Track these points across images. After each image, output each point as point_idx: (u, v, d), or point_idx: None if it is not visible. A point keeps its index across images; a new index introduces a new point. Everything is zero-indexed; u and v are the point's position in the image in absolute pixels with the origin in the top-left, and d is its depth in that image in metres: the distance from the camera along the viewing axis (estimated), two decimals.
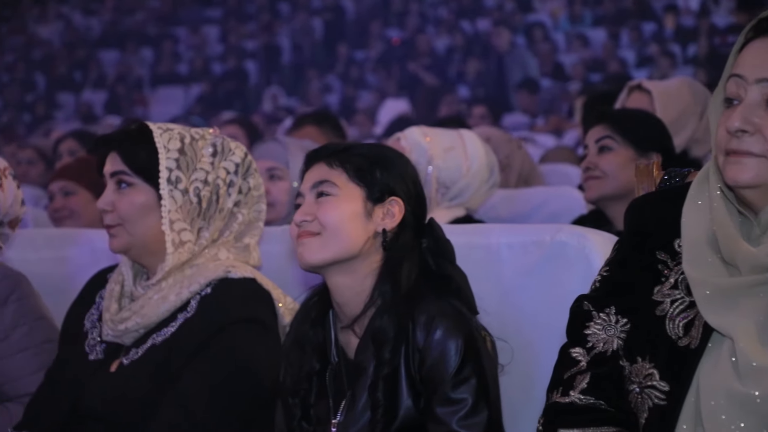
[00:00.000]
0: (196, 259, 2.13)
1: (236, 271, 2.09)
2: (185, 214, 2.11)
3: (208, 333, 2.04)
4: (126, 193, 2.12)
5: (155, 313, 2.09)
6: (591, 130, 3.00)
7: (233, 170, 2.17)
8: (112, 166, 2.13)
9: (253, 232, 2.21)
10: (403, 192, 1.96)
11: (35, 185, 5.11)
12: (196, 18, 14.63)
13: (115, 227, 2.12)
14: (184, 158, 2.11)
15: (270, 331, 2.09)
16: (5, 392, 2.39)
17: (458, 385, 1.83)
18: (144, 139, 2.12)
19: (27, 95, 13.89)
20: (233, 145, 2.20)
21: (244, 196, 2.19)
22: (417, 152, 3.04)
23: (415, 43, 12.40)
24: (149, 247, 2.12)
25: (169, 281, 2.11)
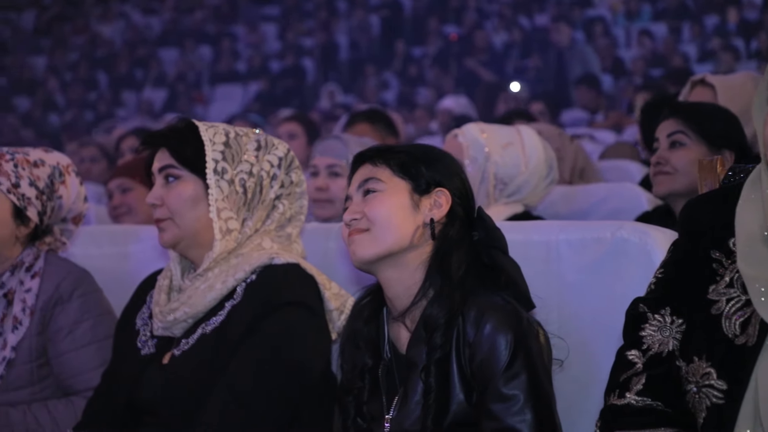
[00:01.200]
0: (241, 248, 2.17)
1: (280, 257, 2.13)
2: (231, 203, 2.16)
3: (255, 318, 2.07)
4: (174, 186, 2.16)
5: (202, 302, 2.12)
6: (663, 123, 2.92)
7: (276, 164, 2.21)
8: (160, 161, 2.19)
9: (295, 223, 2.25)
10: (450, 184, 1.97)
11: (98, 182, 5.19)
12: (255, 16, 14.74)
13: (164, 221, 2.17)
14: (229, 151, 2.16)
15: (316, 314, 2.12)
16: (70, 386, 2.44)
17: (509, 381, 1.82)
18: (191, 134, 2.18)
19: (90, 93, 14.12)
20: (276, 141, 2.25)
21: (285, 189, 2.23)
22: (474, 148, 3.03)
23: (473, 39, 12.34)
24: (197, 239, 2.16)
25: (215, 271, 2.14)
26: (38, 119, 13.52)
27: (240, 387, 2.03)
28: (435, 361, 1.86)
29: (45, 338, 2.43)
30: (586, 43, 11.52)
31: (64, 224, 2.59)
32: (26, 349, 2.41)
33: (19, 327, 2.41)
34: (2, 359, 2.39)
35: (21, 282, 2.45)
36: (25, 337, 2.41)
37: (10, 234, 2.47)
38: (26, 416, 2.37)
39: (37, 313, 2.43)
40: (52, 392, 2.44)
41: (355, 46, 13.48)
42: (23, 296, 2.43)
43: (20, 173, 2.46)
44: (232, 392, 2.02)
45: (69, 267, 2.50)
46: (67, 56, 14.81)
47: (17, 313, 2.42)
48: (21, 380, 2.40)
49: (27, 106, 13.98)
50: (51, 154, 2.56)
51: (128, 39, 14.78)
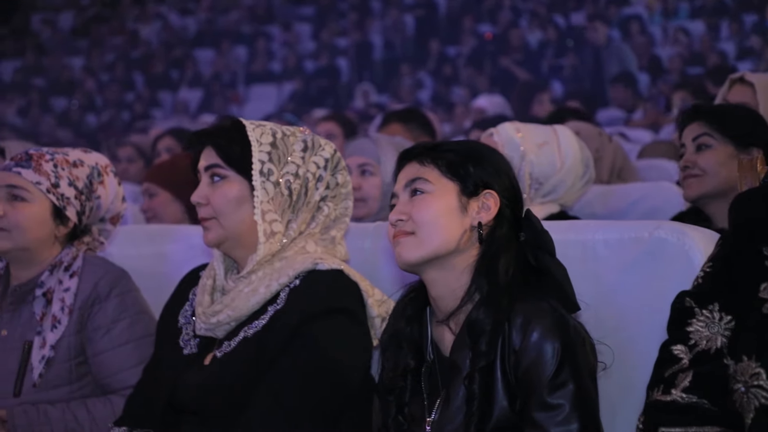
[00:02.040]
0: (284, 251, 2.16)
1: (324, 263, 2.11)
2: (276, 205, 2.15)
3: (298, 324, 2.06)
4: (220, 186, 2.15)
5: (246, 306, 2.12)
6: (687, 128, 2.92)
7: (323, 165, 2.20)
8: (206, 160, 2.17)
9: (340, 226, 2.23)
10: (498, 185, 1.94)
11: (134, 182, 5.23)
12: (289, 16, 14.78)
13: (209, 220, 2.16)
14: (276, 152, 2.15)
15: (359, 321, 2.10)
16: (108, 385, 2.46)
17: (555, 390, 1.79)
18: (237, 133, 2.16)
19: (126, 94, 14.23)
20: (323, 141, 2.23)
21: (331, 190, 2.21)
22: (510, 148, 3.01)
23: (508, 38, 12.29)
24: (241, 240, 2.16)
25: (258, 274, 2.14)
26: (75, 119, 13.65)
27: (282, 393, 2.02)
28: (479, 369, 1.84)
29: (83, 337, 2.45)
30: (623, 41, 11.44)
31: (102, 224, 2.61)
32: (65, 347, 2.43)
33: (58, 326, 2.43)
34: (42, 358, 2.41)
35: (60, 281, 2.47)
36: (64, 335, 2.43)
37: (50, 234, 2.49)
38: (65, 414, 2.39)
39: (75, 312, 2.45)
40: (90, 390, 2.46)
41: (389, 46, 13.47)
42: (62, 295, 2.45)
43: (60, 173, 2.48)
44: (274, 398, 2.02)
45: (107, 266, 2.52)
46: (104, 57, 14.94)
47: (56, 312, 2.44)
48: (60, 378, 2.42)
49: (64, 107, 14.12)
50: (90, 155, 2.58)
51: (164, 39, 14.88)
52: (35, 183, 2.46)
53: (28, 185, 2.46)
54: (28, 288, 2.48)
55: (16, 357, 2.43)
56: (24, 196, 2.46)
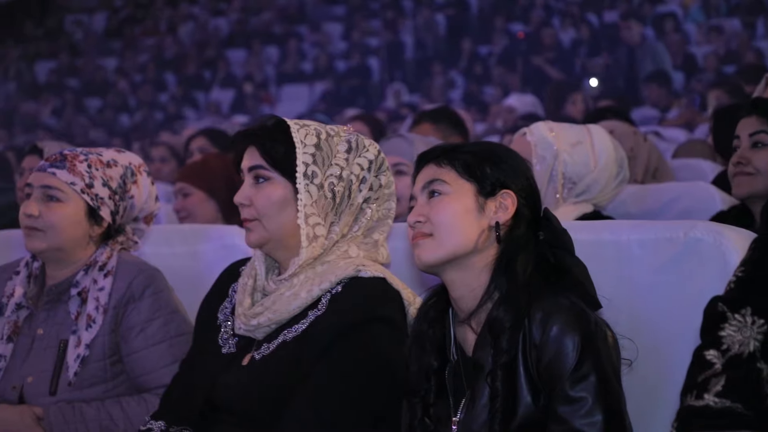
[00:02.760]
0: (327, 255, 2.14)
1: (367, 270, 2.10)
2: (320, 208, 2.13)
3: (338, 332, 2.05)
4: (263, 188, 2.14)
5: (286, 310, 2.11)
6: (743, 121, 2.83)
7: (366, 167, 2.17)
8: (250, 160, 2.16)
9: (382, 228, 2.21)
10: (515, 185, 1.94)
11: (167, 182, 5.26)
12: (321, 16, 14.82)
13: (252, 221, 2.15)
14: (320, 153, 2.13)
15: (399, 330, 2.08)
16: (142, 384, 2.47)
17: (577, 383, 1.79)
18: (281, 134, 2.14)
19: (159, 94, 14.34)
20: (367, 142, 2.21)
21: (374, 192, 2.19)
22: (542, 147, 2.99)
23: (540, 37, 12.25)
24: (284, 242, 2.14)
25: (300, 278, 2.13)
26: (109, 120, 13.76)
27: (320, 400, 2.01)
28: (501, 366, 1.84)
29: (118, 336, 2.47)
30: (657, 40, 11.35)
31: (136, 223, 2.62)
32: (100, 346, 2.44)
33: (93, 325, 2.44)
34: (77, 356, 2.42)
35: (94, 281, 2.48)
36: (99, 334, 2.44)
37: (84, 233, 2.51)
38: (100, 412, 2.41)
39: (110, 311, 2.46)
40: (125, 389, 2.48)
41: (420, 45, 13.47)
42: (96, 294, 2.46)
43: (94, 173, 2.50)
44: (312, 405, 2.01)
45: (141, 266, 2.53)
46: (137, 58, 15.05)
47: (91, 311, 2.45)
48: (95, 377, 2.44)
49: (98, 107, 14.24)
50: (123, 155, 2.59)
51: (197, 40, 14.97)
52: (70, 183, 2.47)
53: (62, 186, 2.47)
54: (64, 287, 2.50)
55: (51, 356, 2.45)
56: (59, 196, 2.47)
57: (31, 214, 2.47)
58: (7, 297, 2.53)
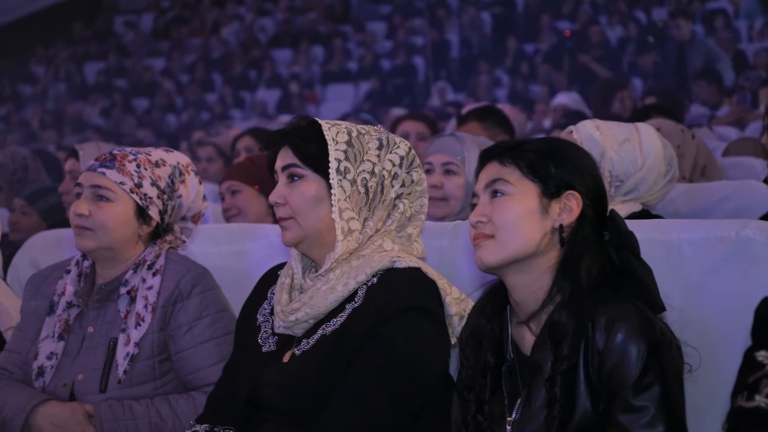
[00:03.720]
0: (362, 249, 2.16)
1: (402, 260, 2.11)
2: (353, 203, 2.15)
3: (375, 322, 2.05)
4: (297, 186, 2.16)
5: (323, 304, 2.12)
6: None
7: (398, 163, 2.19)
8: (283, 160, 2.18)
9: (415, 223, 2.22)
10: (581, 185, 1.91)
11: (214, 182, 5.29)
12: (366, 15, 14.84)
13: (287, 220, 2.17)
14: (351, 150, 2.15)
15: (436, 320, 2.09)
16: (190, 382, 2.49)
17: (640, 392, 1.77)
18: (313, 133, 2.17)
19: (205, 95, 14.45)
20: (398, 139, 2.23)
21: (406, 188, 2.21)
22: (589, 145, 2.95)
23: (587, 35, 12.15)
24: (319, 239, 2.16)
25: (336, 272, 2.14)
26: (156, 120, 13.90)
27: (360, 391, 2.02)
28: (561, 372, 1.81)
29: (166, 335, 2.49)
30: (707, 36, 11.20)
31: (183, 223, 2.64)
32: (148, 344, 2.47)
33: (142, 323, 2.47)
34: (126, 355, 2.45)
35: (143, 279, 2.50)
36: (148, 333, 2.47)
37: (133, 233, 2.53)
38: (149, 410, 2.43)
39: (158, 309, 2.48)
40: (173, 387, 2.50)
41: (466, 44, 13.43)
42: (145, 293, 2.48)
43: (142, 173, 2.52)
44: (352, 396, 2.02)
45: (188, 265, 2.55)
46: (184, 58, 15.19)
47: (140, 310, 2.47)
48: (144, 375, 2.46)
49: (145, 108, 14.39)
50: (171, 154, 2.61)
51: (243, 40, 15.07)
52: (119, 183, 2.49)
53: (112, 185, 2.50)
54: (113, 286, 2.52)
55: (102, 354, 2.47)
56: (108, 196, 2.50)
57: (81, 213, 2.49)
58: (58, 295, 2.56)
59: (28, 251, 3.25)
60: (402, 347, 2.04)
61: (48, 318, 2.55)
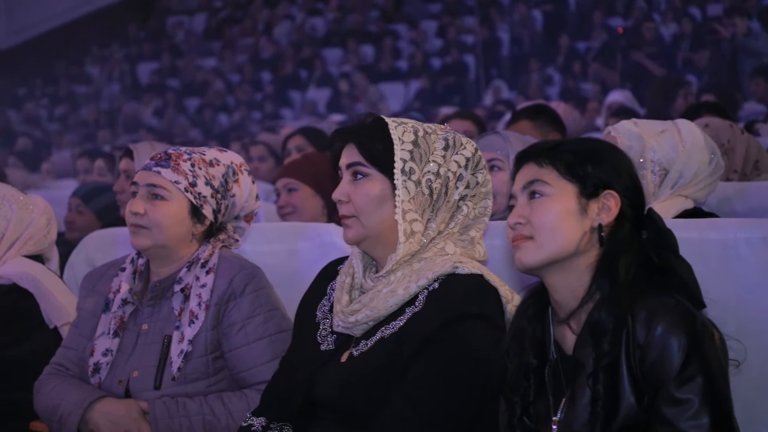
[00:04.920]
0: (424, 252, 2.14)
1: (464, 266, 2.10)
2: (417, 204, 2.14)
3: (436, 328, 2.05)
4: (361, 184, 2.15)
5: (384, 306, 2.11)
6: None
7: (463, 164, 2.18)
8: (348, 157, 2.18)
9: (478, 225, 2.21)
10: (619, 184, 1.90)
11: (265, 181, 5.32)
12: (417, 14, 14.82)
13: (350, 218, 2.17)
14: (417, 150, 2.14)
15: (496, 327, 2.08)
16: (243, 379, 2.50)
17: (683, 384, 1.76)
18: (380, 131, 2.16)
19: (256, 94, 14.54)
20: (464, 140, 2.21)
21: (471, 190, 2.19)
22: (628, 137, 2.92)
23: (641, 32, 12.01)
24: (381, 239, 2.16)
25: (397, 275, 2.13)
26: (207, 119, 14.01)
27: (418, 397, 2.02)
28: (603, 368, 1.81)
29: (219, 332, 2.50)
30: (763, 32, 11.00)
31: (237, 222, 2.66)
32: (202, 342, 2.48)
33: (196, 321, 2.49)
34: (180, 352, 2.47)
35: (197, 277, 2.52)
36: (201, 330, 2.48)
37: (187, 231, 2.55)
38: (203, 407, 2.45)
39: (211, 307, 2.50)
40: (226, 385, 2.51)
41: (517, 42, 13.36)
42: (199, 291, 2.50)
43: (197, 172, 2.54)
44: (410, 401, 2.02)
45: (242, 263, 2.57)
46: (235, 58, 15.29)
47: (193, 308, 2.49)
48: (197, 372, 2.48)
49: (197, 107, 14.51)
50: (225, 154, 2.62)
51: (293, 40, 15.14)
52: (174, 182, 2.52)
53: (167, 184, 2.52)
54: (167, 284, 2.55)
55: (156, 351, 2.50)
56: (163, 195, 2.52)
57: (137, 212, 2.52)
58: (113, 293, 2.59)
59: (84, 249, 3.30)
60: (460, 354, 2.03)
61: (103, 315, 2.58)
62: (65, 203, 4.70)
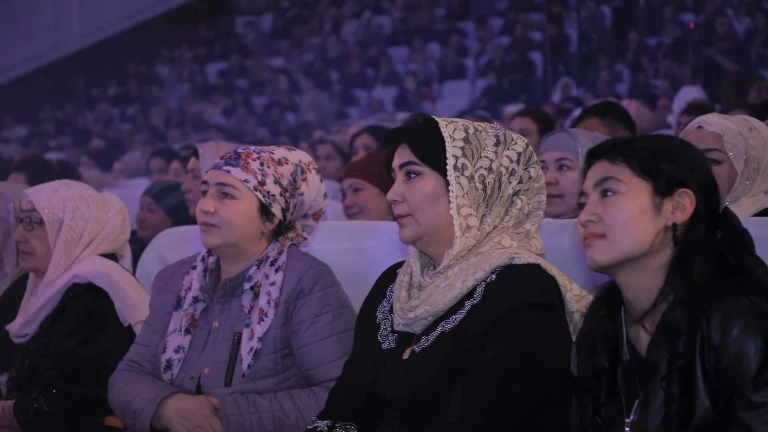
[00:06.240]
0: (480, 246, 2.15)
1: (521, 257, 2.10)
2: (471, 200, 2.15)
3: (495, 319, 2.04)
4: (415, 183, 2.17)
5: (442, 301, 2.12)
6: None
7: (515, 159, 2.18)
8: (401, 158, 2.19)
9: (533, 219, 2.21)
10: (694, 182, 1.87)
11: (332, 179, 5.34)
12: (484, 11, 14.75)
13: (405, 217, 2.18)
14: (469, 147, 2.15)
15: (557, 316, 2.07)
16: (312, 377, 2.52)
17: (761, 388, 1.72)
18: (431, 130, 2.17)
19: (323, 93, 14.60)
20: (515, 136, 2.22)
21: (524, 184, 2.19)
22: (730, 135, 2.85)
23: (713, 27, 11.79)
24: (437, 236, 2.16)
25: (455, 269, 2.14)
26: (275, 119, 14.12)
27: (481, 387, 2.02)
28: (677, 370, 1.78)
29: (288, 330, 2.52)
30: None
31: (305, 220, 2.67)
32: (271, 339, 2.50)
33: (265, 319, 2.51)
34: (250, 349, 2.49)
35: (266, 275, 2.54)
36: (270, 328, 2.50)
37: (257, 230, 2.57)
38: (272, 404, 2.47)
39: (281, 305, 2.51)
40: (295, 382, 2.53)
41: (585, 38, 13.21)
42: (268, 289, 2.52)
43: (266, 171, 2.56)
44: (473, 392, 2.02)
45: (310, 261, 2.58)
46: (303, 57, 15.39)
47: (263, 306, 2.51)
48: (267, 370, 2.50)
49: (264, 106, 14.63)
50: (294, 152, 2.64)
51: (360, 39, 15.18)
52: (243, 181, 2.54)
53: (236, 183, 2.54)
54: (237, 282, 2.57)
55: (227, 348, 2.52)
56: (233, 193, 2.54)
57: (207, 210, 2.55)
58: (185, 290, 2.62)
59: (156, 248, 3.34)
60: (522, 344, 2.02)
61: (175, 312, 2.61)
62: (137, 202, 4.77)
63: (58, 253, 2.96)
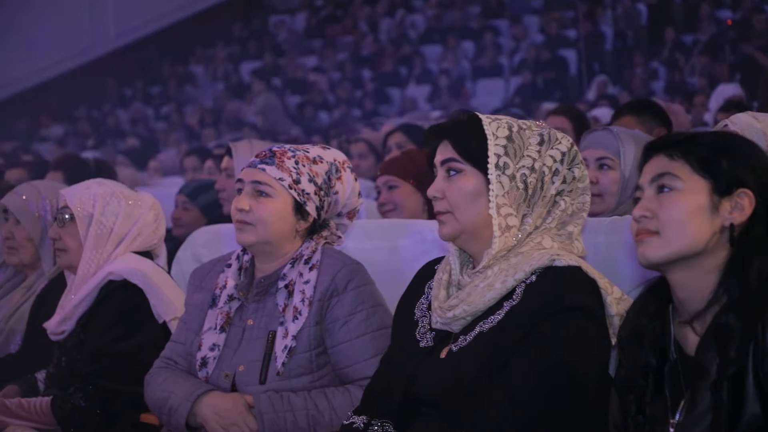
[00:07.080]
0: (520, 246, 2.13)
1: (561, 259, 2.07)
2: (512, 199, 2.13)
3: (534, 321, 2.03)
4: (455, 180, 2.15)
5: (481, 301, 2.11)
6: None
7: (559, 159, 2.16)
8: (442, 154, 2.18)
9: (577, 221, 2.18)
10: (754, 183, 1.82)
11: (366, 178, 5.34)
12: (519, 9, 14.69)
13: (444, 214, 2.17)
14: (511, 145, 2.13)
15: (597, 319, 2.05)
16: (346, 375, 2.52)
17: None
18: (474, 127, 2.16)
19: (356, 92, 14.63)
20: (560, 135, 2.19)
21: (568, 185, 2.17)
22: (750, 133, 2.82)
23: (751, 23, 11.66)
24: (476, 234, 2.15)
25: (494, 269, 2.12)
26: (308, 117, 14.16)
27: (519, 389, 2.00)
28: (728, 376, 1.74)
29: (322, 328, 2.52)
30: None
31: (339, 218, 2.67)
32: (305, 338, 2.50)
33: (299, 317, 2.51)
34: (284, 347, 2.49)
35: (300, 274, 2.54)
36: (305, 326, 2.50)
37: (291, 228, 2.57)
38: (307, 402, 2.47)
39: (314, 303, 2.51)
40: (329, 380, 2.53)
41: (620, 36, 13.12)
42: (302, 287, 2.52)
43: (300, 170, 2.56)
44: (512, 393, 2.01)
45: (344, 260, 2.58)
46: (336, 56, 15.42)
47: (297, 304, 2.51)
48: (301, 368, 2.50)
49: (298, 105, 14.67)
50: (328, 151, 2.64)
51: (393, 37, 15.18)
52: (278, 179, 2.54)
53: (271, 181, 2.54)
54: (272, 280, 2.57)
55: (261, 346, 2.52)
56: (268, 191, 2.54)
57: (242, 208, 2.55)
58: (220, 289, 2.63)
59: (191, 246, 3.36)
60: (561, 347, 2.00)
61: (210, 310, 2.62)
62: (172, 201, 4.80)
63: (88, 247, 2.97)
